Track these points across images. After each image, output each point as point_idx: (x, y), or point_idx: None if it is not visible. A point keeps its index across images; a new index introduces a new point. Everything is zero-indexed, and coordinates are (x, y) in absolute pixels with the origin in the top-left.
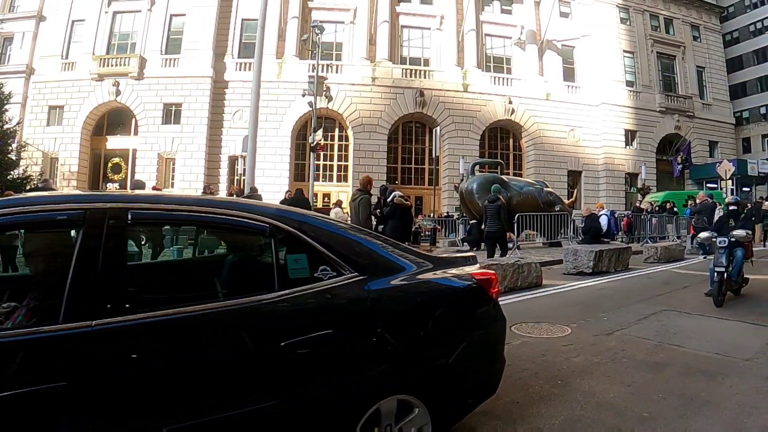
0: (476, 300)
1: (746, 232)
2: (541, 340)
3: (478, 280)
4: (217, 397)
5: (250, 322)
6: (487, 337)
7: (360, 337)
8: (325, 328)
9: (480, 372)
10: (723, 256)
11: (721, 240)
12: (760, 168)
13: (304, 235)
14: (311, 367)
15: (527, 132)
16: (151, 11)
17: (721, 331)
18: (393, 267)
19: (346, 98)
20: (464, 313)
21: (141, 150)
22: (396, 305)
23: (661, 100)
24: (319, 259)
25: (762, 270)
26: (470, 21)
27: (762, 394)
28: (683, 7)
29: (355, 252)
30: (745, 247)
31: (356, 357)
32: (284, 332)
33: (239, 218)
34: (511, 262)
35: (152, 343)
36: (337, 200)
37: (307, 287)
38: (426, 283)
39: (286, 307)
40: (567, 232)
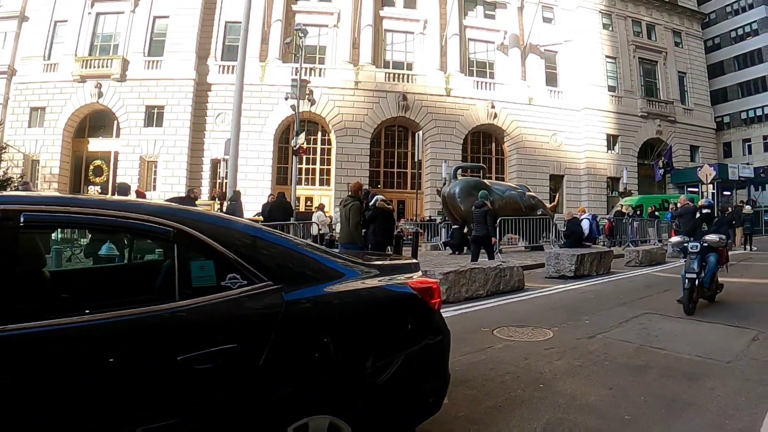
0: (413, 311)
1: (719, 237)
2: (523, 343)
3: (417, 289)
4: (104, 416)
5: (143, 333)
6: (426, 351)
7: (271, 352)
8: (228, 342)
9: (418, 389)
10: (695, 261)
11: (692, 245)
12: (741, 172)
13: (212, 240)
14: (213, 384)
15: (510, 136)
16: (134, 13)
17: (703, 334)
18: (321, 275)
19: (329, 102)
20: (399, 326)
21: (123, 152)
22: (318, 317)
23: (643, 105)
24: (229, 266)
25: (743, 273)
26: (454, 25)
27: (744, 396)
28: (665, 13)
29: (273, 259)
30: (719, 253)
31: (266, 374)
32: (182, 346)
33: (141, 221)
34: (494, 265)
35: (30, 357)
36: (319, 204)
37: (211, 297)
38: (355, 293)
39: (185, 319)
40: (549, 236)
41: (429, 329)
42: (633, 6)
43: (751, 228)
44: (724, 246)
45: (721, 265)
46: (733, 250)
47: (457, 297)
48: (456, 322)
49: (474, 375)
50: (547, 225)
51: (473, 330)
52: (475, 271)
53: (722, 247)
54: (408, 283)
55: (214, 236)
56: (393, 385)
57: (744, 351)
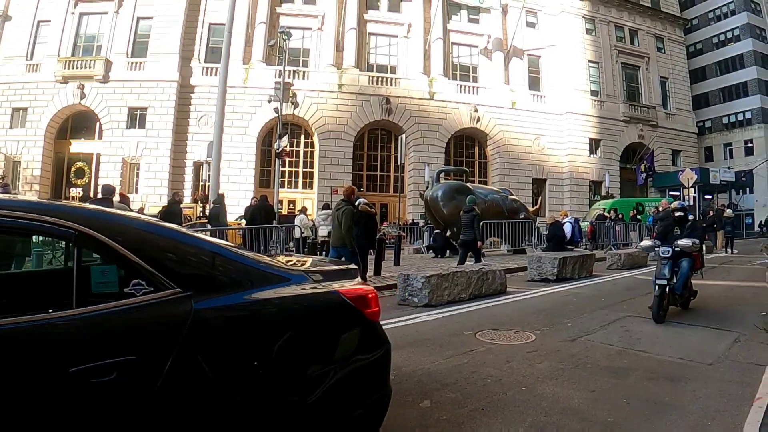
0: (345, 322)
1: (692, 241)
2: (505, 346)
3: (350, 297)
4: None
5: (32, 342)
6: (361, 366)
7: (173, 367)
8: (126, 354)
9: (351, 410)
10: (666, 267)
11: (663, 249)
12: (722, 176)
13: (114, 243)
14: (109, 400)
15: (492, 140)
16: (118, 13)
17: (685, 337)
18: (243, 281)
19: (313, 105)
20: (327, 339)
21: (105, 154)
22: (233, 328)
23: (625, 109)
24: (133, 271)
25: (725, 276)
26: (438, 29)
27: (725, 398)
28: (648, 18)
29: (185, 263)
30: (693, 258)
31: (166, 393)
32: (75, 356)
33: (39, 222)
34: (476, 269)
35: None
36: (302, 207)
37: (111, 305)
38: (279, 301)
39: (79, 328)
40: (531, 240)
41: (364, 341)
42: (616, 11)
43: (732, 231)
44: (698, 251)
45: (695, 270)
46: (715, 253)
47: (439, 300)
48: (438, 325)
49: (456, 378)
50: (530, 228)
51: (456, 333)
52: (458, 275)
53: (696, 252)
54: (339, 291)
55: (118, 238)
56: (320, 406)
57: (725, 353)
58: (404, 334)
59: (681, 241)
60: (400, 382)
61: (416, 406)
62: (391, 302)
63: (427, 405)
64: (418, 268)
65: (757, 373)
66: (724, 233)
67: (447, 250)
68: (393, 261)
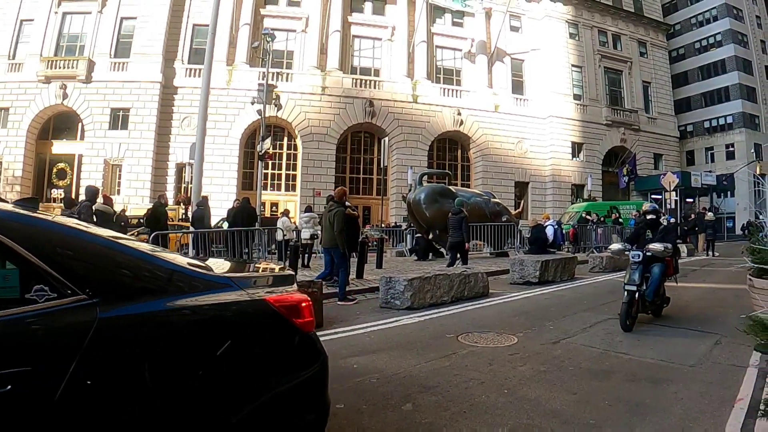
0: (273, 333)
1: (665, 246)
2: (487, 349)
3: (279, 306)
4: None
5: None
6: (292, 381)
7: (72, 382)
8: (21, 365)
9: (284, 428)
10: (636, 272)
11: (634, 254)
12: (704, 180)
13: (16, 244)
14: (3, 413)
15: (475, 143)
16: (101, 13)
17: (666, 339)
18: (161, 288)
19: (296, 107)
20: (252, 351)
21: (87, 155)
22: (145, 339)
23: (608, 113)
24: (36, 275)
25: (706, 278)
26: (422, 32)
27: (707, 400)
28: (631, 23)
29: (94, 268)
30: (666, 263)
31: (64, 411)
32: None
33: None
34: (458, 272)
35: None
36: (284, 209)
37: (7, 312)
38: (198, 310)
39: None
40: (514, 243)
41: (296, 354)
42: (599, 16)
43: (714, 234)
44: (670, 256)
45: (668, 276)
46: (696, 255)
47: (421, 303)
48: (421, 328)
49: (438, 381)
50: (512, 231)
51: (438, 336)
52: (440, 278)
53: (669, 258)
54: (268, 299)
55: (21, 239)
56: (246, 427)
57: (707, 355)
58: (386, 336)
59: (652, 246)
60: (381, 385)
61: (398, 409)
62: (374, 305)
63: (409, 408)
64: (400, 271)
65: (738, 374)
66: (706, 236)
67: (429, 253)
68: (375, 264)
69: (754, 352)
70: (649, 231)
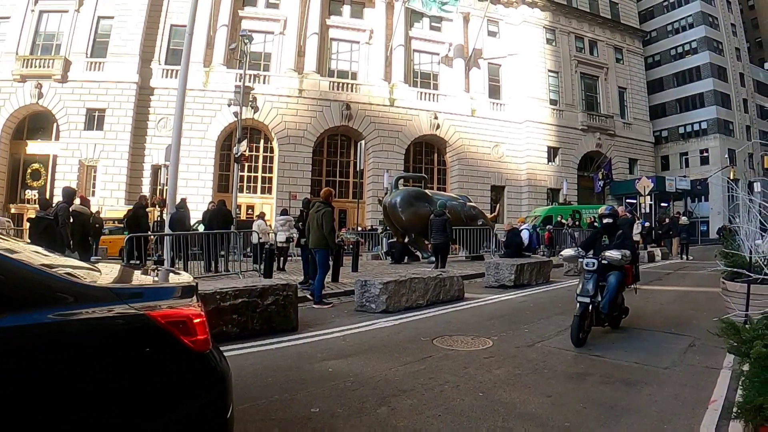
0: (156, 352)
1: (622, 253)
2: (462, 352)
3: (166, 322)
4: None
5: None
6: (181, 409)
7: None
8: None
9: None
10: (590, 282)
11: (588, 262)
12: (678, 184)
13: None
14: None
15: (452, 147)
16: (78, 12)
17: (641, 341)
18: (26, 300)
19: (273, 109)
20: (129, 373)
21: (62, 156)
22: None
23: (584, 118)
24: None
25: (680, 281)
26: (399, 36)
27: (680, 401)
28: (608, 30)
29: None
30: (625, 272)
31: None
32: None
33: None
34: (433, 275)
35: None
36: (260, 212)
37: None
38: (66, 327)
39: None
40: (489, 246)
41: (181, 380)
42: (576, 22)
43: (688, 238)
44: (630, 263)
45: (627, 285)
46: (671, 259)
47: (397, 306)
48: (396, 331)
49: (413, 385)
50: (488, 235)
51: (413, 339)
52: (415, 281)
53: (628, 265)
54: (151, 314)
55: None
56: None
57: (681, 357)
58: (361, 340)
59: (609, 253)
60: (357, 389)
61: (373, 412)
62: (349, 308)
63: (384, 412)
64: (376, 275)
65: (712, 376)
66: (680, 240)
67: (405, 257)
68: (351, 267)
69: (727, 354)
70: (606, 236)
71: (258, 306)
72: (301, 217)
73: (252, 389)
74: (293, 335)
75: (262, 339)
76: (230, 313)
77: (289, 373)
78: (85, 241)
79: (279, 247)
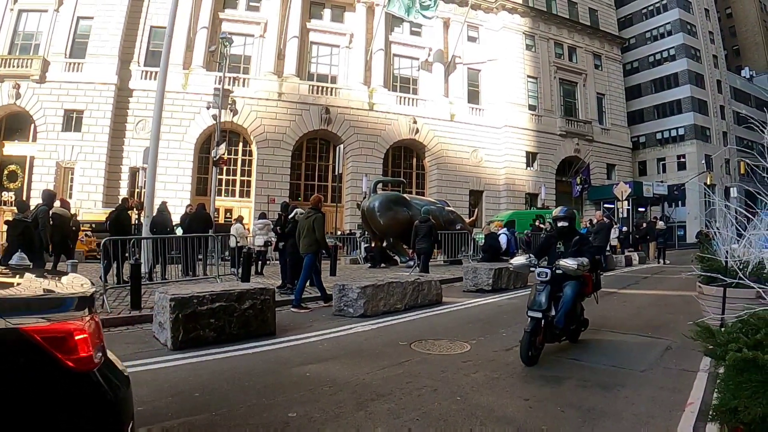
0: (26, 374)
1: (579, 262)
2: (440, 356)
3: (42, 337)
4: None
5: None
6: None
7: None
8: None
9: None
10: (542, 294)
11: (541, 271)
12: (655, 190)
13: None
14: None
15: (431, 152)
16: (58, 12)
17: (618, 344)
18: None
19: (252, 112)
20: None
21: (39, 157)
22: None
23: (562, 124)
24: None
25: (657, 285)
26: (380, 41)
27: (657, 404)
28: (587, 36)
29: None
30: (584, 280)
31: None
32: None
33: None
34: (411, 279)
35: None
36: (238, 216)
37: None
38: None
39: None
40: (467, 251)
41: (63, 401)
42: (556, 29)
43: (664, 242)
44: (589, 271)
45: (587, 295)
46: (648, 263)
47: (375, 311)
48: (374, 336)
49: (391, 389)
50: (466, 239)
51: (391, 344)
52: (393, 285)
53: (588, 273)
54: (24, 328)
55: None
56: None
57: (658, 360)
58: (339, 344)
59: (563, 262)
60: (334, 393)
61: (351, 417)
62: (327, 313)
63: (361, 416)
64: (354, 279)
65: (689, 379)
66: (657, 244)
67: (383, 261)
68: (329, 271)
69: (704, 357)
70: (561, 242)
71: (235, 310)
72: (279, 221)
73: (229, 394)
74: (271, 340)
75: (240, 343)
76: (207, 317)
77: (267, 378)
78: (65, 244)
79: (257, 251)
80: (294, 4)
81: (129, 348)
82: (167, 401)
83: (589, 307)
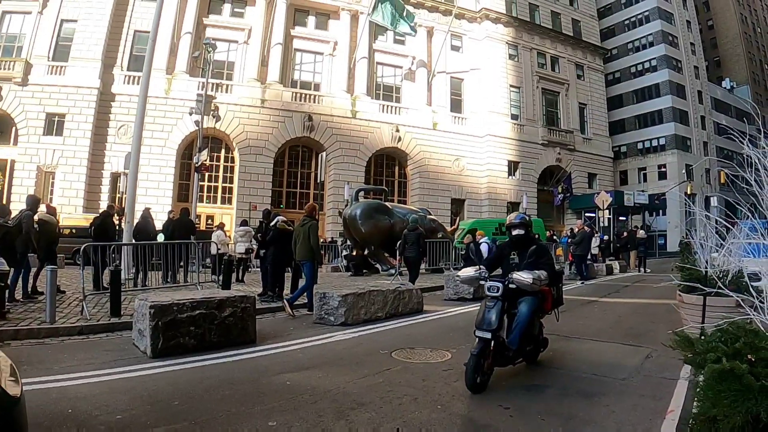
0: None
1: (534, 276)
2: (421, 365)
3: None
4: None
5: None
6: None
7: None
8: None
9: None
10: (492, 311)
11: (491, 285)
12: (636, 199)
13: None
14: None
15: (413, 160)
16: (41, 14)
17: (599, 353)
18: None
19: (235, 119)
20: None
21: (20, 161)
22: None
23: (544, 133)
24: None
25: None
26: (363, 49)
27: (638, 412)
28: (569, 47)
29: None
30: (542, 295)
31: None
32: None
33: None
34: (392, 288)
35: None
36: (219, 223)
37: None
38: None
39: None
40: (449, 259)
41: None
42: (539, 39)
43: (645, 251)
44: (549, 285)
45: (546, 312)
46: (628, 272)
47: (356, 319)
48: (355, 344)
49: (372, 398)
50: (447, 248)
51: (371, 352)
52: (374, 294)
53: (546, 288)
54: None
55: None
56: None
57: (638, 368)
58: (320, 353)
59: (517, 276)
60: (315, 402)
61: (331, 426)
62: (308, 321)
63: (342, 425)
64: (335, 287)
65: (670, 387)
66: (637, 253)
67: (364, 269)
68: None
69: (684, 365)
70: (515, 252)
71: (215, 318)
72: (260, 228)
73: (209, 402)
74: (251, 347)
75: (220, 351)
76: (187, 324)
77: (247, 386)
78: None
79: (238, 258)
80: (279, 10)
81: (108, 355)
82: (146, 409)
83: (569, 316)
